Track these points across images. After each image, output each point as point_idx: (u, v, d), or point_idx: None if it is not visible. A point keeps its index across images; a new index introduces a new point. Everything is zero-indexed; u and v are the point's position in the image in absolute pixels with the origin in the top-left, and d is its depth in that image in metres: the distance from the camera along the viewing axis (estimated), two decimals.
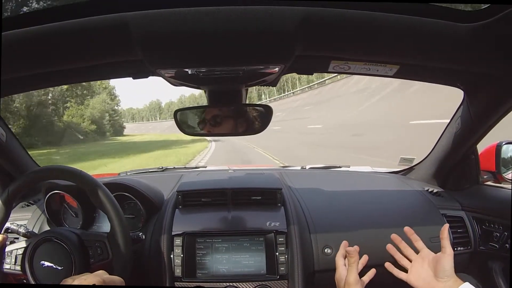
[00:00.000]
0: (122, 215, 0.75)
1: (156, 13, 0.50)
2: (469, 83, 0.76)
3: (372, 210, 0.96)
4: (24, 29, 0.52)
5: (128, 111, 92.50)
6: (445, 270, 0.66)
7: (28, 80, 0.70)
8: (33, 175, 0.77)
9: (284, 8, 0.50)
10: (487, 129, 0.84)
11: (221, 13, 0.49)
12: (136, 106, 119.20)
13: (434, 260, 0.69)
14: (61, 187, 0.91)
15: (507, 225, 0.85)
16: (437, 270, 0.67)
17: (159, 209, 0.95)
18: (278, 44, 0.54)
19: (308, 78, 22.93)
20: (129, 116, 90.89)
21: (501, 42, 0.55)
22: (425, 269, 0.69)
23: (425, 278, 0.68)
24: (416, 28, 0.53)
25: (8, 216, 0.75)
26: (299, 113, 17.40)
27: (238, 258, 0.85)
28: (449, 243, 0.68)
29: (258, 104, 0.82)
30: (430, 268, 0.69)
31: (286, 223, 0.87)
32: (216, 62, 0.61)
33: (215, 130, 0.80)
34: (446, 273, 0.66)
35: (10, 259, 0.74)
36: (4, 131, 0.90)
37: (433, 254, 0.70)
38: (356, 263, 0.70)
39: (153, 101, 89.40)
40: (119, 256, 0.73)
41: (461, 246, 0.91)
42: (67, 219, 0.96)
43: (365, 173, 1.28)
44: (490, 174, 0.96)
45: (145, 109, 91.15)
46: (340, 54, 0.64)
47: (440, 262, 0.67)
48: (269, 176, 1.08)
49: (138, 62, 0.59)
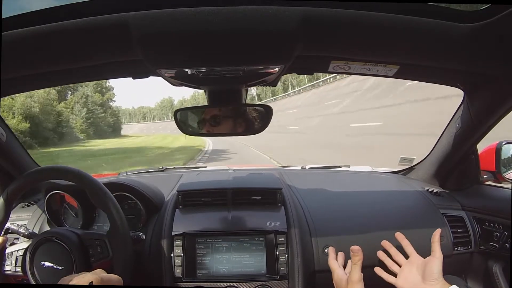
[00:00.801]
0: (122, 214, 0.75)
1: (156, 13, 0.50)
2: (469, 83, 0.76)
3: (372, 210, 0.96)
4: (24, 29, 0.52)
5: (139, 110, 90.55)
6: (433, 273, 0.66)
7: (28, 80, 0.70)
8: (33, 175, 0.77)
9: (284, 8, 0.50)
10: (487, 129, 0.84)
11: (221, 13, 0.49)
12: (147, 104, 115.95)
13: (422, 264, 0.70)
14: (61, 187, 0.91)
15: (507, 225, 0.85)
16: (425, 273, 0.68)
17: (159, 209, 0.95)
18: (278, 44, 0.54)
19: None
20: (140, 116, 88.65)
21: (501, 42, 0.55)
22: (413, 273, 0.70)
23: (412, 282, 0.69)
24: (416, 28, 0.53)
25: (8, 216, 0.75)
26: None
27: (238, 258, 0.85)
28: (439, 247, 0.69)
29: (258, 104, 0.82)
30: (418, 273, 0.70)
31: (286, 223, 0.87)
32: (216, 62, 0.61)
33: (215, 130, 0.80)
34: (434, 276, 0.66)
35: (10, 261, 0.74)
36: (4, 131, 0.90)
37: (422, 259, 0.71)
38: (360, 261, 0.70)
39: (165, 99, 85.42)
40: (119, 255, 0.73)
41: (461, 246, 0.91)
42: (67, 219, 0.96)
43: (365, 173, 1.28)
44: (490, 174, 0.96)
45: (156, 107, 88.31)
46: (340, 54, 0.64)
47: (429, 265, 0.68)
48: (269, 176, 1.08)
49: (138, 62, 0.59)
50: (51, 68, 0.64)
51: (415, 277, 0.69)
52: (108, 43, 0.56)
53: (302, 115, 16.94)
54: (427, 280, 0.67)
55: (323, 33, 0.54)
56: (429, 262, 0.68)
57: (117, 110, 35.84)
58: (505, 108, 0.75)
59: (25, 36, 0.52)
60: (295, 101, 23.70)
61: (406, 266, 0.73)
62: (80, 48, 0.57)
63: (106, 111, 29.88)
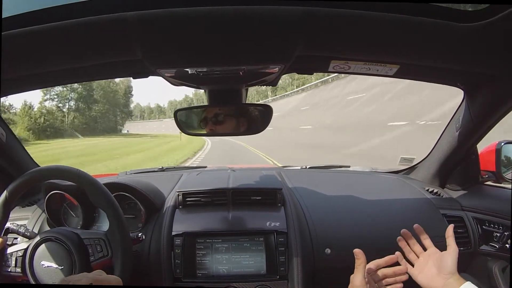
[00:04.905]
0: (121, 214, 0.75)
1: (156, 13, 0.50)
2: (469, 83, 0.76)
3: (372, 210, 0.96)
4: (24, 29, 0.52)
5: (155, 109, 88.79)
6: (448, 265, 0.66)
7: (28, 80, 0.70)
8: (33, 175, 0.77)
9: (284, 8, 0.50)
10: (487, 129, 0.84)
11: (221, 13, 0.49)
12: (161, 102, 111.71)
13: (439, 258, 0.70)
14: (61, 187, 0.91)
15: (507, 225, 0.85)
16: (440, 266, 0.68)
17: (159, 209, 0.95)
18: (278, 44, 0.54)
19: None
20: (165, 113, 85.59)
21: (501, 42, 0.55)
22: (429, 265, 0.71)
23: (427, 273, 0.70)
24: (416, 28, 0.53)
25: (7, 216, 0.75)
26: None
27: (238, 258, 0.85)
28: (454, 240, 0.69)
29: (258, 104, 0.82)
30: (434, 265, 0.70)
31: (286, 223, 0.87)
32: (216, 62, 0.61)
33: (215, 129, 0.80)
34: (448, 269, 0.66)
35: (10, 261, 0.74)
36: (4, 131, 0.90)
37: (440, 252, 0.71)
38: (363, 265, 0.70)
39: (187, 96, 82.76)
40: (119, 255, 0.73)
41: (461, 246, 0.91)
42: (67, 219, 0.96)
43: (365, 173, 1.28)
44: (490, 174, 0.96)
45: (178, 102, 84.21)
46: (340, 54, 0.65)
47: (444, 258, 0.68)
48: (269, 176, 1.08)
49: (138, 62, 0.59)
50: (51, 68, 0.64)
51: (430, 269, 0.70)
52: (108, 43, 0.56)
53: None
54: (442, 273, 0.67)
55: (324, 33, 0.54)
56: (445, 255, 0.69)
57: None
58: (505, 108, 0.75)
59: (25, 36, 0.52)
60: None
61: (423, 257, 0.73)
62: (80, 48, 0.57)
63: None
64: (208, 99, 0.81)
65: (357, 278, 0.69)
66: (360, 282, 0.69)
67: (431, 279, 0.68)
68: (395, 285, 0.73)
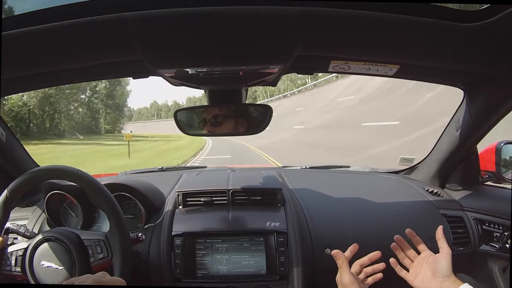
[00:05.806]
0: (121, 214, 0.75)
1: (156, 13, 0.50)
2: (469, 83, 0.76)
3: (371, 210, 0.96)
4: (24, 29, 0.52)
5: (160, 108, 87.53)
6: (442, 269, 0.66)
7: (28, 80, 0.70)
8: (33, 175, 0.77)
9: (284, 8, 0.50)
10: (487, 129, 0.84)
11: (221, 13, 0.49)
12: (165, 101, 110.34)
13: (433, 261, 0.70)
14: (61, 187, 0.91)
15: (507, 225, 0.85)
16: (435, 269, 0.68)
17: (159, 209, 0.95)
18: (278, 44, 0.54)
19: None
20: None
21: (501, 42, 0.55)
22: (423, 269, 0.70)
23: (423, 277, 0.69)
24: (416, 28, 0.53)
25: (7, 216, 0.75)
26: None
27: (238, 258, 0.85)
28: (445, 242, 0.69)
29: (258, 104, 0.82)
30: (428, 269, 0.70)
31: (286, 223, 0.87)
32: (216, 62, 0.61)
33: (215, 130, 0.80)
34: (443, 272, 0.66)
35: (10, 261, 0.74)
36: (4, 131, 0.90)
37: (433, 255, 0.71)
38: (345, 263, 0.70)
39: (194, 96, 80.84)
40: (119, 255, 0.73)
41: (461, 246, 0.91)
42: (67, 219, 0.96)
43: (365, 173, 1.28)
44: (490, 174, 0.96)
45: (197, 99, 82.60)
46: (340, 54, 0.65)
47: (438, 261, 0.68)
48: (269, 176, 1.08)
49: (138, 62, 0.59)
50: (51, 68, 0.64)
51: (425, 273, 0.69)
52: (108, 43, 0.56)
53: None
54: (437, 276, 0.67)
55: (324, 33, 0.54)
56: (438, 258, 0.68)
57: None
58: (505, 108, 0.75)
59: (25, 36, 0.52)
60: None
61: (418, 261, 0.73)
62: (80, 48, 0.57)
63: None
64: (208, 99, 0.81)
65: (344, 276, 0.69)
66: (349, 279, 0.69)
67: (427, 283, 0.68)
68: (375, 276, 0.74)
